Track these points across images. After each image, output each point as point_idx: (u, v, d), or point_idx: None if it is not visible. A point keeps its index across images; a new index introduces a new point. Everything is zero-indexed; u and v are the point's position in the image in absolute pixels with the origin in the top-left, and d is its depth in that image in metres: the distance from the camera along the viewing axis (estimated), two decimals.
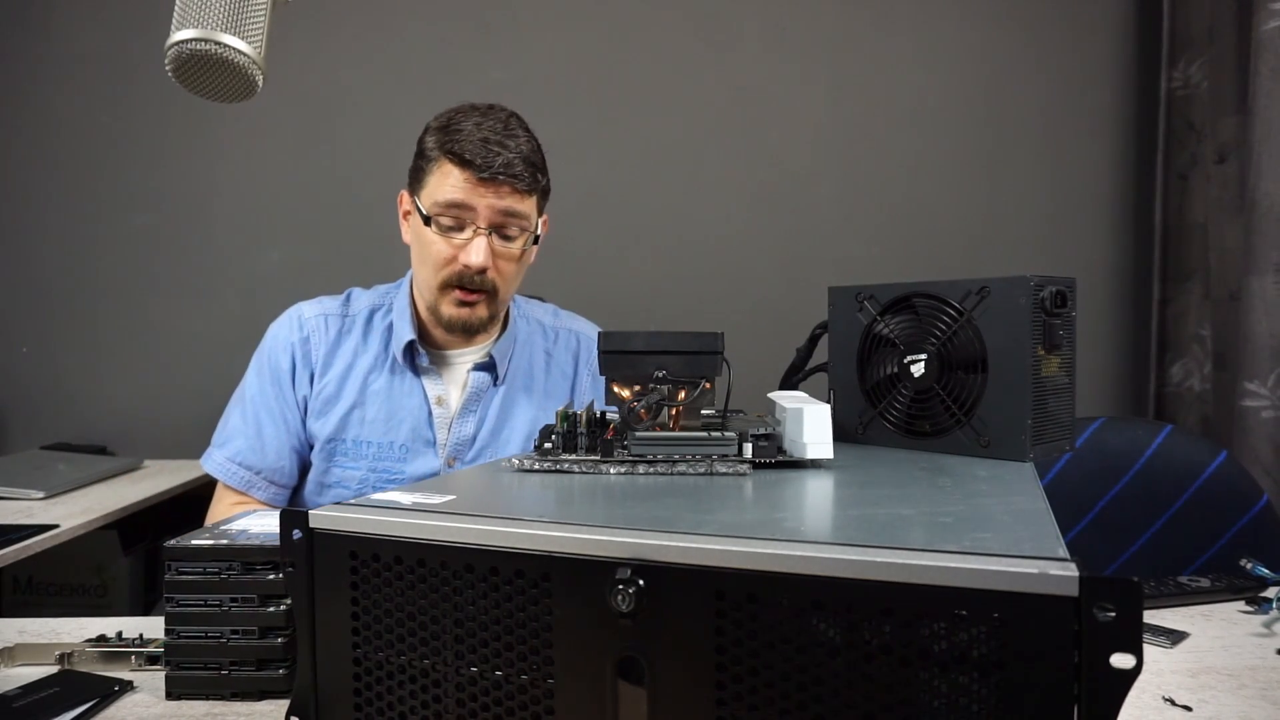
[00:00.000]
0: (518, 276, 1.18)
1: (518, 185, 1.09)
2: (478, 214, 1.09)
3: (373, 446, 1.17)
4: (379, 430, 1.17)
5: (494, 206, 1.09)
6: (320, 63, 1.94)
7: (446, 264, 1.11)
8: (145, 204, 1.97)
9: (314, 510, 0.53)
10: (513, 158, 1.08)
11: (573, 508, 0.57)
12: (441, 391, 1.19)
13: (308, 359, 1.19)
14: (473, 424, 1.19)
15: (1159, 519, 1.30)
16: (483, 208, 1.09)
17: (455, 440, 1.18)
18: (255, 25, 0.67)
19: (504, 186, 1.08)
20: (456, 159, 1.08)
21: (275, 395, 1.18)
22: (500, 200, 1.09)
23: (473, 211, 1.09)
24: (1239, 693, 0.72)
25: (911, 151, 1.98)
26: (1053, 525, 0.48)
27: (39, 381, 1.98)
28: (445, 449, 1.17)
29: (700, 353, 0.70)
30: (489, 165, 1.07)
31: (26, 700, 0.69)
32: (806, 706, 0.42)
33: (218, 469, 1.18)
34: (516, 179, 1.08)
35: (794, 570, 0.42)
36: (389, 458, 1.17)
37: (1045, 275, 0.72)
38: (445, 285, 1.13)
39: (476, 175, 1.07)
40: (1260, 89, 1.58)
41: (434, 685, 0.50)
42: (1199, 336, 1.82)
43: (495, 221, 1.10)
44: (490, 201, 1.09)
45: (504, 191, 1.09)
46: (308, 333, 1.20)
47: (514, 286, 1.19)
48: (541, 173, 1.14)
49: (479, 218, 1.09)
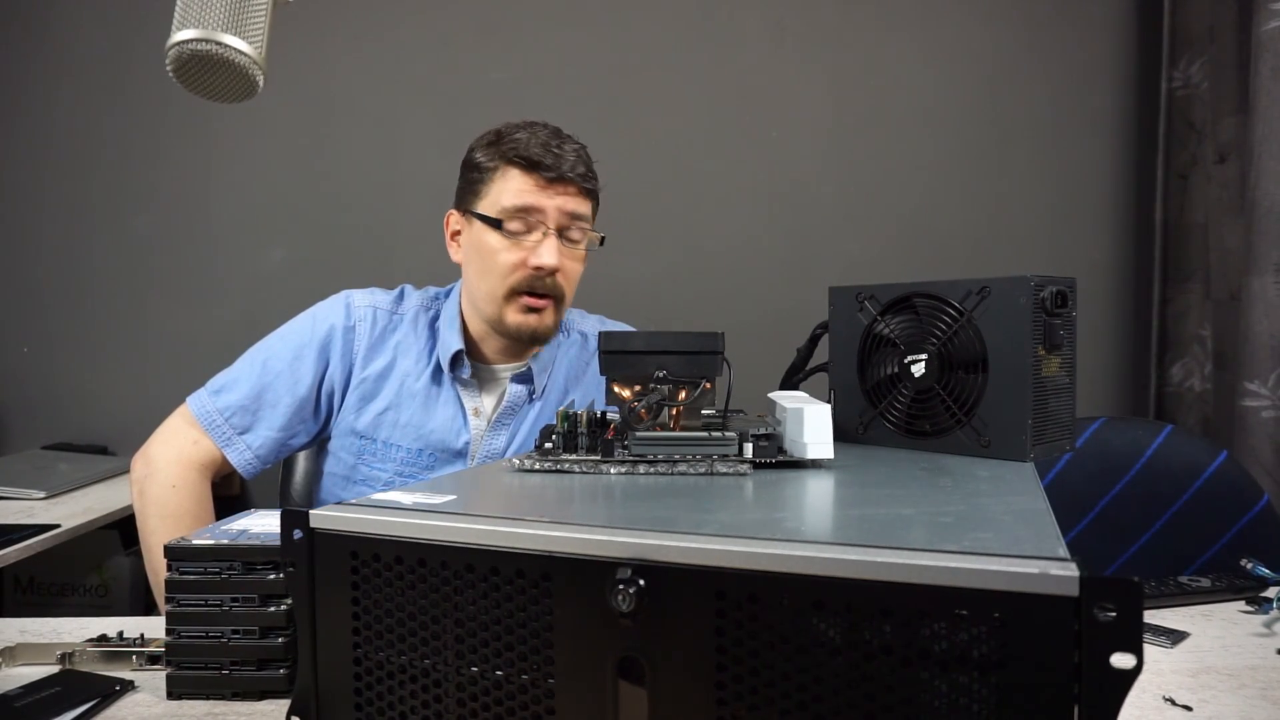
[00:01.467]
0: (575, 284, 1.17)
1: (584, 184, 1.10)
2: (547, 215, 1.08)
3: (401, 450, 1.15)
4: (410, 436, 1.15)
5: (562, 208, 1.09)
6: (320, 63, 1.94)
7: (515, 269, 1.09)
8: (145, 204, 1.97)
9: (314, 510, 0.53)
10: (574, 158, 1.09)
11: (573, 508, 0.57)
12: (478, 404, 1.17)
13: (349, 348, 1.16)
14: (505, 437, 1.17)
15: (1159, 519, 1.30)
16: (551, 209, 1.08)
17: (485, 453, 1.16)
18: (255, 25, 0.68)
19: (571, 186, 1.09)
20: (523, 162, 1.08)
21: (296, 368, 1.14)
22: (567, 201, 1.09)
23: (541, 213, 1.08)
24: (1239, 693, 0.72)
25: (912, 151, 1.98)
26: (1053, 525, 0.48)
27: (39, 381, 1.98)
28: (474, 461, 1.16)
29: (700, 353, 0.71)
30: (557, 166, 1.07)
31: (28, 700, 0.69)
32: (807, 706, 0.42)
33: (203, 414, 1.12)
34: (583, 179, 1.10)
35: (794, 570, 0.42)
36: (416, 464, 1.15)
37: (1045, 275, 0.72)
38: (513, 292, 1.10)
39: (544, 176, 1.07)
40: (1260, 89, 1.58)
41: (434, 685, 0.50)
42: (1199, 336, 1.82)
43: (562, 224, 1.10)
44: (558, 203, 1.09)
45: (570, 192, 1.09)
46: (354, 321, 1.17)
47: (573, 295, 1.17)
48: (597, 179, 1.14)
49: (548, 219, 1.09)
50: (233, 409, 1.13)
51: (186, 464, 1.12)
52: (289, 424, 1.15)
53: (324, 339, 1.16)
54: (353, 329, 1.17)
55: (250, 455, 1.14)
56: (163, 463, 1.11)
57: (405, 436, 1.15)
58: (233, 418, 1.13)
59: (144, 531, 1.10)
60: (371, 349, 1.17)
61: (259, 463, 1.15)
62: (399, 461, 1.15)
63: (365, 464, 1.16)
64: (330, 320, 1.17)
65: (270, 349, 1.16)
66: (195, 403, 1.14)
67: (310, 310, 1.19)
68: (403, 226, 1.93)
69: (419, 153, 1.95)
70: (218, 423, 1.13)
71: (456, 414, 1.16)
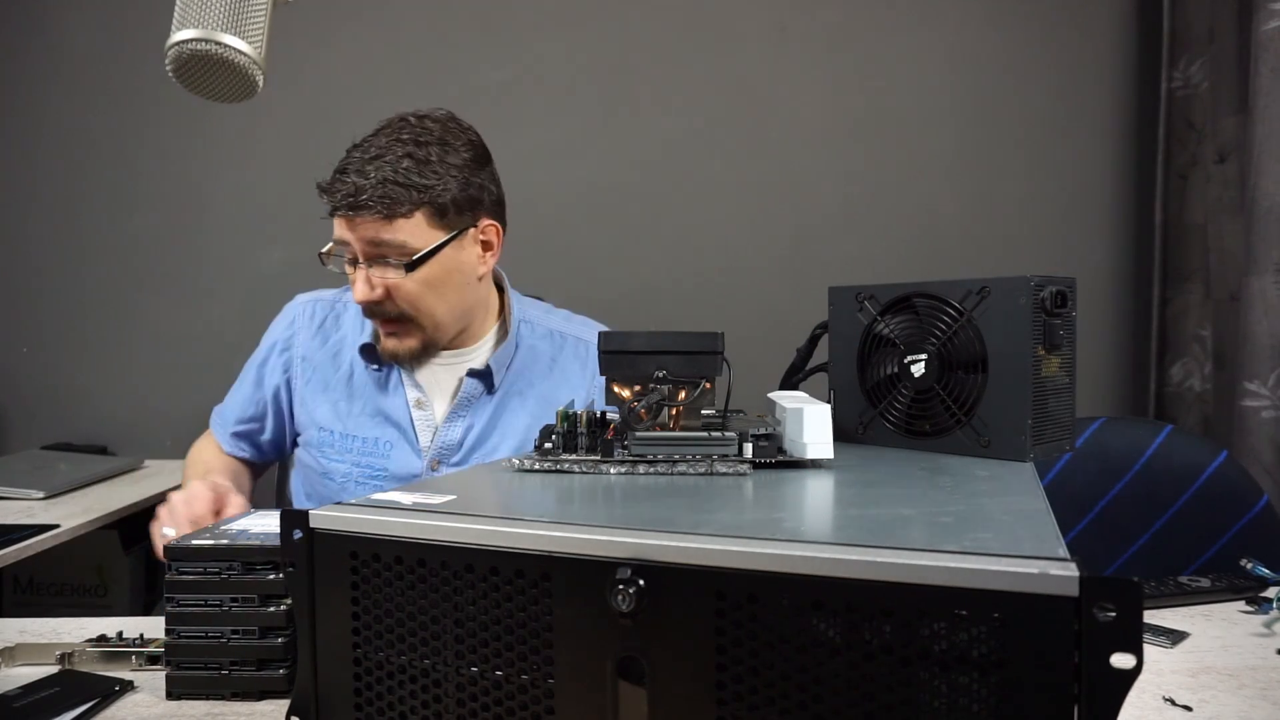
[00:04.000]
0: (438, 299, 1.10)
1: (369, 213, 1.03)
2: (353, 247, 1.06)
3: (358, 440, 1.17)
4: (365, 425, 1.17)
5: (361, 238, 1.05)
6: (320, 63, 1.94)
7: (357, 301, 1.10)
8: (145, 204, 1.97)
9: (314, 510, 0.53)
10: (361, 185, 1.02)
11: (573, 508, 0.57)
12: (420, 395, 1.18)
13: (288, 349, 1.22)
14: (460, 429, 1.17)
15: (1159, 519, 1.30)
16: (353, 241, 1.06)
17: (440, 444, 1.16)
18: (255, 25, 0.67)
19: (357, 218, 1.04)
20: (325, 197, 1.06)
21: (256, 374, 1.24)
22: (364, 230, 1.05)
23: (349, 246, 1.07)
24: (1239, 693, 0.72)
25: (912, 151, 1.98)
26: (1053, 525, 0.48)
27: (39, 381, 1.98)
28: (429, 452, 1.16)
29: (700, 353, 0.70)
30: (336, 198, 1.04)
31: (27, 700, 0.69)
32: (806, 706, 0.42)
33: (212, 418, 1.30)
34: (365, 208, 1.03)
35: (794, 570, 0.42)
36: (374, 453, 1.16)
37: (1045, 275, 0.72)
38: (368, 319, 1.14)
39: (334, 211, 1.06)
40: (1260, 89, 1.58)
41: (434, 685, 0.50)
42: (1199, 337, 1.82)
43: (368, 253, 1.06)
44: (356, 234, 1.05)
45: (360, 223, 1.04)
46: (292, 317, 1.24)
47: (441, 309, 1.11)
48: (421, 190, 1.05)
49: (356, 251, 1.06)
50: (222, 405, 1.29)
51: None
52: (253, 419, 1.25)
53: (270, 346, 1.24)
54: (292, 324, 1.24)
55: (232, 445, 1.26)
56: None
57: (360, 426, 1.17)
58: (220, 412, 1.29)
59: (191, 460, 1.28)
60: (314, 340, 1.22)
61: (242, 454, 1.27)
62: (356, 451, 1.17)
63: (325, 457, 1.18)
64: (276, 329, 1.26)
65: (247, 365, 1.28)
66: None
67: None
68: None
69: None
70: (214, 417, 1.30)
71: (404, 404, 1.18)
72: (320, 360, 1.20)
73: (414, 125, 1.09)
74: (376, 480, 1.15)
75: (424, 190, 1.05)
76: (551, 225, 1.95)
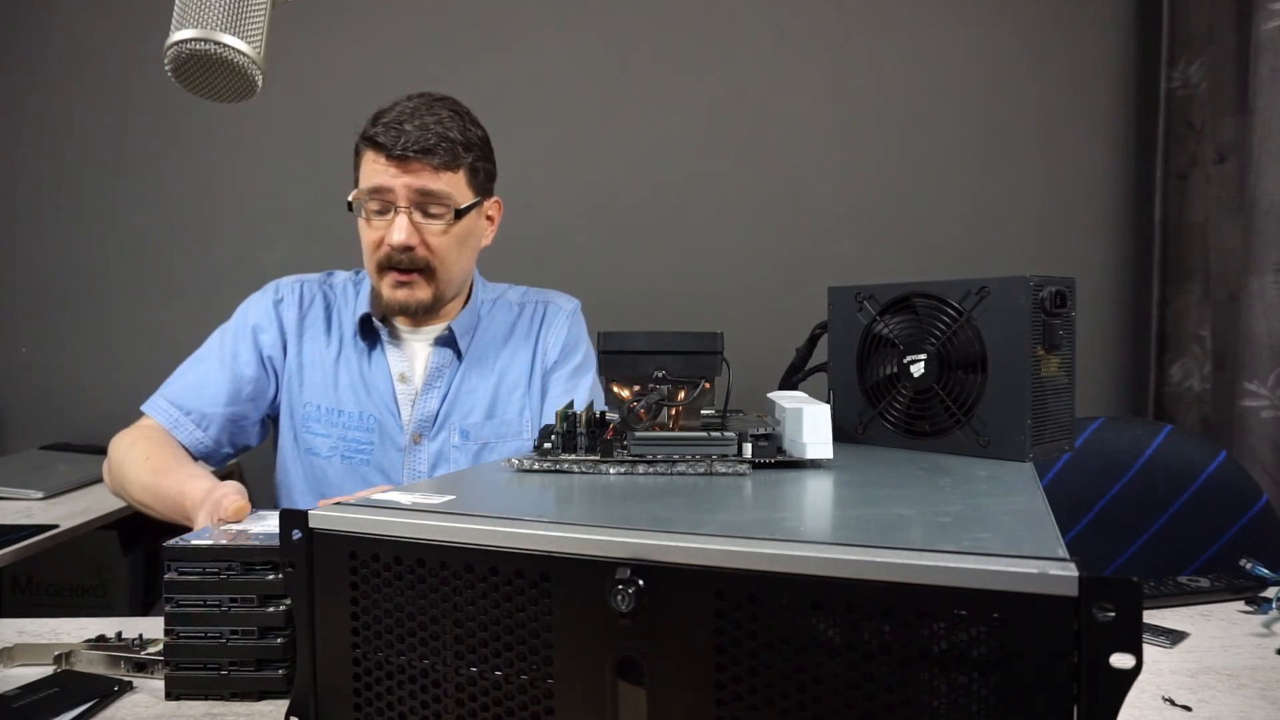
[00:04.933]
0: (459, 254, 1.17)
1: (431, 161, 1.10)
2: (396, 194, 1.11)
3: (344, 415, 1.19)
4: (350, 400, 1.19)
5: (410, 185, 1.11)
6: (320, 63, 1.94)
7: (377, 248, 1.14)
8: (145, 204, 1.96)
9: (313, 510, 0.53)
10: (424, 135, 1.10)
11: (572, 508, 0.57)
12: (405, 369, 1.21)
13: (279, 320, 1.22)
14: (436, 400, 1.20)
15: (1159, 519, 1.30)
16: (399, 187, 1.11)
17: (420, 416, 1.19)
18: (255, 25, 0.67)
19: (415, 163, 1.10)
20: (371, 144, 1.12)
21: (233, 348, 1.20)
22: (416, 179, 1.11)
23: (392, 193, 1.11)
24: (1239, 693, 0.72)
25: (911, 151, 1.98)
26: (1052, 525, 0.48)
27: (39, 381, 1.98)
28: (410, 425, 1.19)
29: (700, 353, 0.70)
30: (397, 144, 1.09)
31: (26, 700, 0.69)
32: (806, 706, 0.42)
33: (150, 405, 1.19)
34: (429, 154, 1.10)
35: (794, 570, 0.42)
36: (359, 428, 1.19)
37: (1045, 275, 0.72)
38: (381, 269, 1.15)
39: (388, 156, 1.10)
40: (1260, 89, 1.58)
41: (434, 685, 0.50)
42: (1199, 336, 1.82)
43: (414, 200, 1.12)
44: (406, 181, 1.11)
45: (417, 169, 1.10)
46: (281, 295, 1.25)
47: (458, 266, 1.18)
48: (466, 149, 1.14)
49: (398, 198, 1.11)
50: (177, 392, 1.19)
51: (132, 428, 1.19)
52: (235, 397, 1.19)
53: (255, 321, 1.22)
54: (280, 301, 1.24)
55: (198, 436, 1.17)
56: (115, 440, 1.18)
57: (346, 401, 1.19)
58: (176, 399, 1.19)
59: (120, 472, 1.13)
60: (303, 320, 1.23)
61: (210, 442, 1.18)
62: (342, 426, 1.19)
63: (310, 431, 1.19)
64: (257, 304, 1.24)
65: (210, 341, 1.24)
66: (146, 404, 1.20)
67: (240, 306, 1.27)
68: None
69: None
70: (163, 406, 1.18)
71: (389, 378, 1.20)
72: (308, 338, 1.22)
73: (442, 97, 1.17)
74: (363, 454, 1.18)
75: (468, 151, 1.14)
76: (551, 225, 1.95)
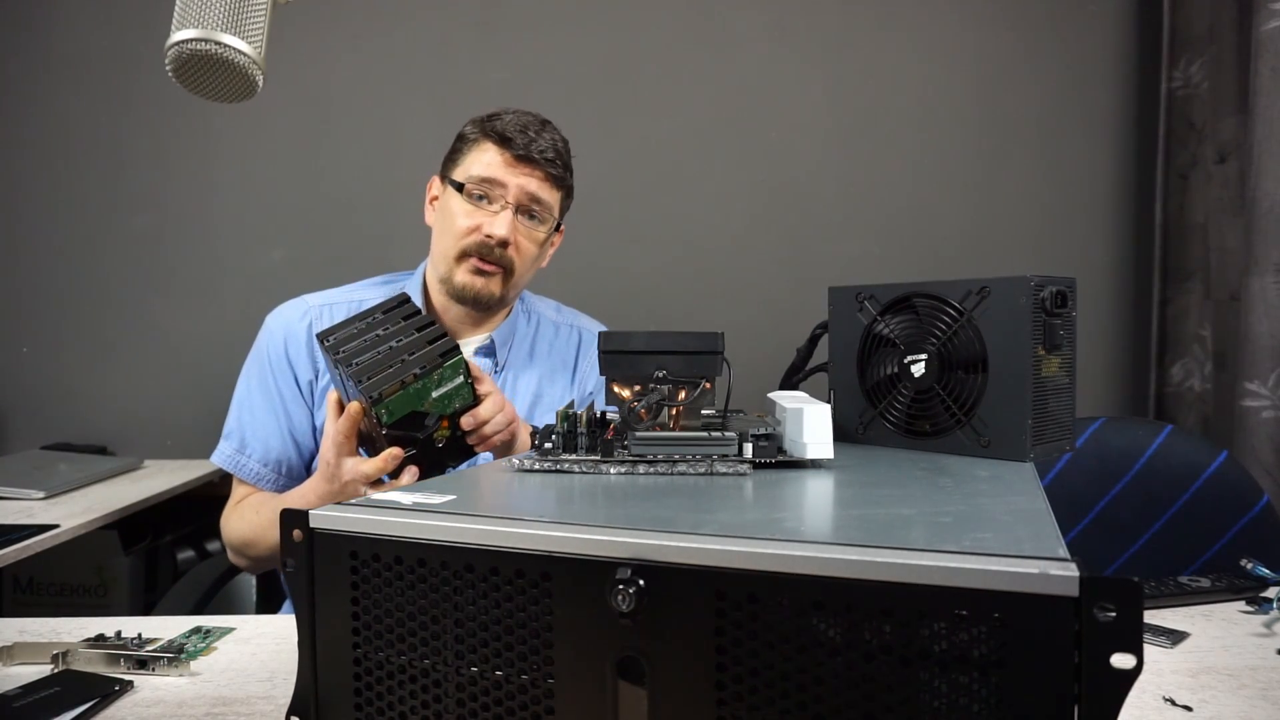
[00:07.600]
0: (534, 265, 1.22)
1: (550, 170, 1.17)
2: (508, 191, 1.15)
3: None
4: None
5: (523, 187, 1.16)
6: (320, 63, 1.94)
7: (469, 232, 1.15)
8: (145, 204, 1.96)
9: (313, 510, 0.53)
10: (546, 145, 1.17)
11: (573, 508, 0.57)
12: None
13: (311, 344, 1.20)
14: None
15: (1159, 519, 1.30)
16: (513, 186, 1.15)
17: None
18: (255, 25, 0.67)
19: (536, 169, 1.16)
20: (496, 137, 1.16)
21: (271, 377, 1.20)
22: (530, 183, 1.16)
23: (503, 188, 1.15)
24: (1239, 693, 0.72)
25: (911, 151, 1.98)
26: (1053, 525, 0.48)
27: (39, 381, 1.98)
28: None
29: (700, 353, 0.71)
30: (525, 145, 1.15)
31: (26, 700, 0.69)
32: (806, 706, 0.42)
33: (216, 455, 1.21)
34: (549, 164, 1.16)
35: (794, 570, 0.42)
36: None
37: (1045, 275, 0.72)
38: (464, 253, 1.16)
39: (513, 153, 1.15)
40: (1260, 89, 1.58)
41: (434, 685, 0.50)
42: (1199, 336, 1.82)
43: (522, 201, 1.16)
44: (521, 182, 1.15)
45: (535, 174, 1.16)
46: (310, 319, 1.22)
47: (528, 274, 1.23)
48: (569, 171, 1.21)
49: (508, 194, 1.15)
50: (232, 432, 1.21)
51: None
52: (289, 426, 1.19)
53: (284, 342, 1.21)
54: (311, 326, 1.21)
55: (263, 471, 1.19)
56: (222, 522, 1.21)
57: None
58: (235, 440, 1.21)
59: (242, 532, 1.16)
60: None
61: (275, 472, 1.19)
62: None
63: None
64: (286, 324, 1.22)
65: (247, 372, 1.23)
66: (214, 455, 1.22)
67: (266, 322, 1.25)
68: (402, 226, 1.93)
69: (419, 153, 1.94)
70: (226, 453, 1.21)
71: None
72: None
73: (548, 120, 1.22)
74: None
75: (569, 176, 1.23)
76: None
